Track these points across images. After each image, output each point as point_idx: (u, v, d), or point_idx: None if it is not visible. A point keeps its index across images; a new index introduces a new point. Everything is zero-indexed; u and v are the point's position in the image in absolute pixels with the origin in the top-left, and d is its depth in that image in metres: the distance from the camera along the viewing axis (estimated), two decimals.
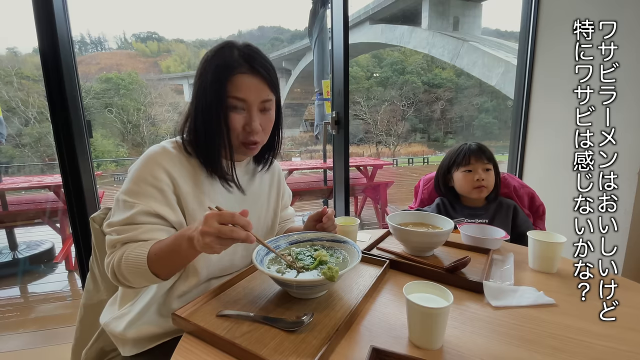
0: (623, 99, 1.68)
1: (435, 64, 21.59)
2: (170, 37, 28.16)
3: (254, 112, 0.75)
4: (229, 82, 0.71)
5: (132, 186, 0.70)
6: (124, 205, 0.70)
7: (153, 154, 0.73)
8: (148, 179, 0.70)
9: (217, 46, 0.75)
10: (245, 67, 0.72)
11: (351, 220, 1.00)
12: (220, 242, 0.57)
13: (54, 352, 1.69)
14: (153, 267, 0.64)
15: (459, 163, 1.24)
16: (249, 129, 0.75)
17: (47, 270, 2.85)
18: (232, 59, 0.72)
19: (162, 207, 0.71)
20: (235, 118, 0.74)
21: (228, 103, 0.72)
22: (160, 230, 0.71)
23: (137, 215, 0.68)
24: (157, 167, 0.72)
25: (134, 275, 0.66)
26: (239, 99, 0.72)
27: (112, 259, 0.68)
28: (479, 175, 1.20)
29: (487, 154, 1.25)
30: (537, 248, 0.84)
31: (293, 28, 35.63)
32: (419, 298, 0.55)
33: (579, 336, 0.59)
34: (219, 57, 0.73)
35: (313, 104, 4.23)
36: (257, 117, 0.75)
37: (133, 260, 0.65)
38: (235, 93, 0.72)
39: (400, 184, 7.71)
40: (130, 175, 0.72)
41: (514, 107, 2.24)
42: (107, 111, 16.57)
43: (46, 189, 2.98)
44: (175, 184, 0.73)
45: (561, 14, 1.95)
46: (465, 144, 1.28)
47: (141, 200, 0.69)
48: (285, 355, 0.52)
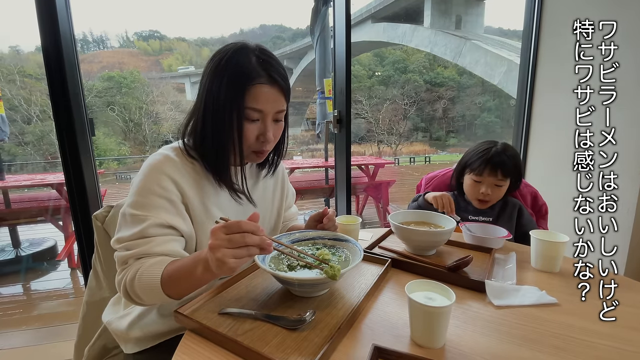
0: (625, 98, 1.67)
1: (437, 62, 21.52)
2: (172, 36, 28.21)
3: (269, 122, 0.73)
4: (246, 92, 0.69)
5: (140, 199, 0.67)
6: (133, 220, 0.67)
7: (156, 163, 0.70)
8: (155, 189, 0.68)
9: (230, 49, 0.71)
10: (264, 77, 0.69)
11: (353, 219, 1.00)
12: (233, 253, 0.52)
13: (56, 349, 1.70)
14: (167, 289, 0.62)
15: (472, 168, 1.15)
16: (263, 139, 0.73)
17: (49, 267, 2.86)
18: (250, 66, 0.69)
19: (174, 218, 0.68)
20: (250, 128, 0.72)
21: (244, 114, 0.70)
22: (173, 242, 0.68)
23: (148, 229, 0.65)
24: (163, 177, 0.69)
25: (147, 295, 0.64)
26: (256, 110, 0.71)
27: (125, 276, 0.65)
28: (485, 190, 1.12)
29: (505, 170, 1.11)
30: (540, 247, 0.84)
31: (295, 26, 35.55)
32: (421, 297, 0.55)
33: (581, 336, 0.59)
34: (234, 63, 0.69)
35: (315, 102, 4.23)
36: (271, 128, 0.74)
37: (146, 281, 0.62)
38: (252, 104, 0.70)
39: (401, 183, 7.71)
40: (134, 187, 0.69)
41: (517, 106, 2.23)
42: (109, 109, 16.61)
43: (49, 186, 2.99)
44: (183, 193, 0.71)
45: (565, 12, 1.94)
46: (491, 147, 1.14)
47: (151, 213, 0.66)
48: (287, 353, 0.52)
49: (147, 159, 0.73)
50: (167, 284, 0.62)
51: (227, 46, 0.72)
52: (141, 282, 0.63)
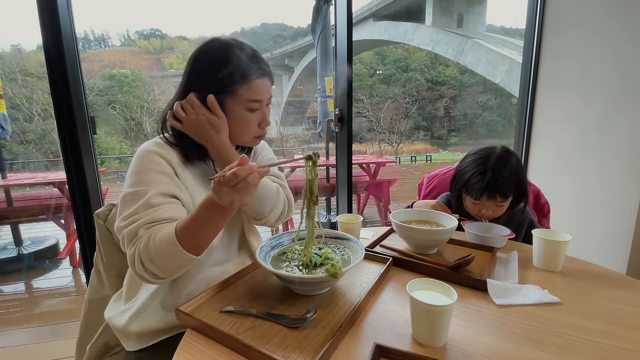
0: (628, 98, 1.67)
1: (439, 61, 21.49)
2: (173, 34, 28.28)
3: (266, 109, 0.80)
4: (246, 86, 0.74)
5: (137, 177, 0.69)
6: (134, 196, 0.68)
7: (147, 147, 0.74)
8: (151, 166, 0.70)
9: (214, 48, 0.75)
10: (257, 71, 0.75)
11: (354, 218, 1.00)
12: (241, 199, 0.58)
13: (58, 346, 1.71)
14: (184, 242, 0.62)
15: (469, 193, 1.06)
16: (264, 124, 0.81)
17: (51, 265, 2.87)
18: (242, 63, 0.73)
19: (174, 188, 0.71)
20: (252, 118, 0.78)
21: (246, 106, 0.76)
22: (179, 209, 0.70)
23: (152, 198, 0.67)
24: (156, 156, 0.72)
25: (163, 258, 0.63)
26: (256, 101, 0.77)
27: (137, 246, 0.64)
28: (486, 211, 1.04)
29: (504, 193, 1.01)
30: (542, 246, 0.83)
31: (296, 25, 35.55)
32: (423, 295, 0.55)
33: (583, 335, 0.58)
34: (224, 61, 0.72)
35: (316, 101, 4.23)
36: (268, 112, 0.82)
37: (161, 239, 0.62)
38: (253, 96, 0.76)
39: (403, 182, 7.71)
40: (130, 171, 0.72)
41: (519, 104, 2.23)
42: (110, 108, 16.64)
43: (50, 185, 3.00)
44: (176, 171, 0.74)
45: (567, 11, 1.93)
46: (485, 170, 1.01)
47: (151, 186, 0.68)
48: (289, 351, 0.52)
49: (137, 150, 0.76)
50: (182, 236, 0.62)
51: (208, 45, 0.75)
52: (155, 243, 0.63)
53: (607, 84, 1.73)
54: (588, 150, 1.82)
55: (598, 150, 1.77)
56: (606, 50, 1.73)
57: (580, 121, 1.88)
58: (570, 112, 1.94)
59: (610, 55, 1.72)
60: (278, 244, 0.79)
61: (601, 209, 1.76)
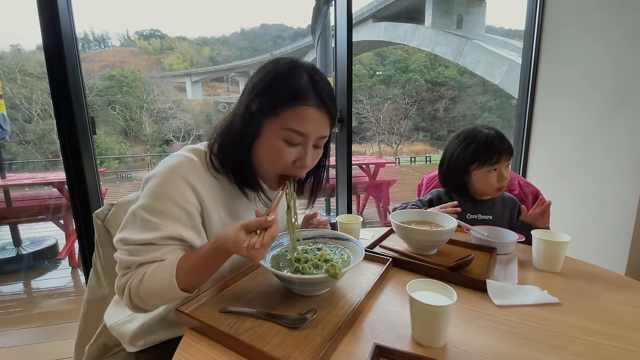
0: (627, 100, 1.67)
1: (438, 62, 21.52)
2: (173, 35, 28.26)
3: (309, 147, 0.67)
4: (291, 111, 0.63)
5: (155, 203, 0.63)
6: (144, 225, 0.63)
7: (177, 166, 0.66)
8: (174, 196, 0.63)
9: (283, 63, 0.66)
10: (313, 98, 0.64)
11: (354, 218, 1.00)
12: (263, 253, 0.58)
13: (57, 347, 1.70)
14: (181, 281, 0.61)
15: (484, 160, 1.05)
16: (300, 164, 0.68)
17: (50, 266, 2.86)
18: (299, 84, 0.64)
19: (189, 232, 0.66)
20: (288, 152, 0.66)
21: (284, 135, 0.65)
22: (180, 250, 0.66)
23: (159, 239, 0.63)
24: (183, 183, 0.65)
25: (153, 297, 0.62)
26: (298, 133, 0.64)
27: (130, 281, 0.62)
28: (505, 173, 1.05)
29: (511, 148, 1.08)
30: (542, 247, 0.83)
31: (296, 26, 35.60)
32: (423, 296, 0.55)
33: (583, 335, 0.59)
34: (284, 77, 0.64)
35: None
36: (310, 153, 0.68)
37: (158, 281, 0.61)
38: (295, 126, 0.64)
39: (402, 183, 7.72)
40: (151, 188, 0.64)
41: (518, 105, 2.23)
42: (110, 108, 16.64)
43: (50, 185, 3.00)
44: (203, 205, 0.68)
45: (567, 12, 1.94)
46: (481, 132, 1.08)
47: (166, 222, 0.63)
48: (288, 351, 0.52)
49: (165, 159, 0.69)
50: (182, 278, 0.61)
51: (280, 59, 0.68)
52: (151, 280, 0.61)
53: (606, 85, 1.74)
54: (587, 151, 1.83)
55: (597, 152, 1.77)
56: (605, 51, 1.74)
57: (580, 122, 1.88)
58: (569, 113, 1.94)
59: (610, 56, 1.72)
60: (279, 244, 0.79)
61: (600, 210, 1.76)
